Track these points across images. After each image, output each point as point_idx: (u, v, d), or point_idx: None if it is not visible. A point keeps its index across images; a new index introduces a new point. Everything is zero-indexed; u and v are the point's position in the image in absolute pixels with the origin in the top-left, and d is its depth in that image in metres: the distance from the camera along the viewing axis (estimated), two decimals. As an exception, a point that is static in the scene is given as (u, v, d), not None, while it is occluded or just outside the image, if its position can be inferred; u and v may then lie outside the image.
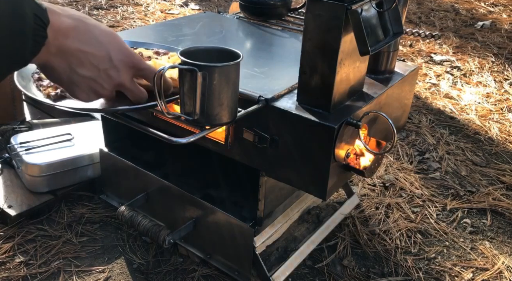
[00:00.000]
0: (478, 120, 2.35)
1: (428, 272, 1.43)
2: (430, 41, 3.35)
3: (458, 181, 1.87)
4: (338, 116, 1.01)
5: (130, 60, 0.77)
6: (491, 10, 4.20)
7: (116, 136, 1.55)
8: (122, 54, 0.75)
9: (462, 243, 1.56)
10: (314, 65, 0.99)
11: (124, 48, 0.76)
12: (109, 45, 0.73)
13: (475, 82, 2.78)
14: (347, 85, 1.05)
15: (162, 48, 1.15)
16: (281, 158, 1.07)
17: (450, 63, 3.03)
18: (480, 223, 1.66)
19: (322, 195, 1.05)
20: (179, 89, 0.87)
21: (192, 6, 3.90)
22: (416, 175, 1.89)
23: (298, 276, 1.38)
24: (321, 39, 0.96)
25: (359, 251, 1.49)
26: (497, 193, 1.81)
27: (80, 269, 1.36)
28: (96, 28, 0.72)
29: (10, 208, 1.50)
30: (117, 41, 0.75)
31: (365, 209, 1.67)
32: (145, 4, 3.84)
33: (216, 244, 1.34)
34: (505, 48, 3.30)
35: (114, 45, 0.74)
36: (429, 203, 1.73)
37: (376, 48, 0.99)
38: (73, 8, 3.54)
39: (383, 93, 1.16)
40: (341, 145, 1.00)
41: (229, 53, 0.88)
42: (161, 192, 1.41)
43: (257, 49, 1.39)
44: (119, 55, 0.75)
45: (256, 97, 1.04)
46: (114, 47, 0.74)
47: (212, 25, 1.56)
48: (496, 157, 2.06)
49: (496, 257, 1.50)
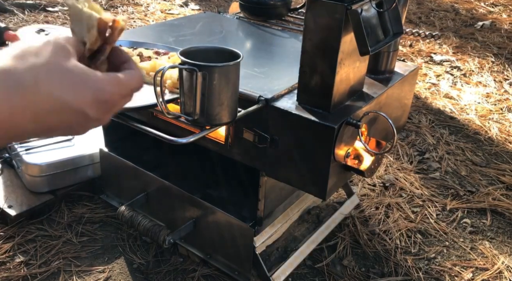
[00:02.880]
0: (478, 120, 2.35)
1: (428, 272, 1.43)
2: (430, 41, 3.35)
3: (458, 181, 1.87)
4: (338, 116, 1.01)
5: (110, 102, 0.53)
6: (491, 10, 4.20)
7: (116, 136, 1.55)
8: (98, 103, 0.51)
9: (462, 243, 1.56)
10: (314, 65, 0.99)
11: (98, 91, 0.51)
12: (80, 100, 0.49)
13: (475, 82, 2.78)
14: (347, 85, 1.05)
15: (162, 48, 1.16)
16: (281, 158, 1.07)
17: (450, 63, 3.03)
18: (480, 223, 1.66)
19: (322, 195, 1.05)
20: (179, 89, 0.87)
21: (192, 6, 3.90)
22: (416, 175, 1.89)
23: (298, 276, 1.38)
24: (321, 39, 0.96)
25: (359, 251, 1.49)
26: (497, 193, 1.80)
27: (80, 269, 1.36)
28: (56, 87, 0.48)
29: (10, 208, 1.50)
30: (87, 87, 0.50)
31: (365, 209, 1.67)
32: (145, 4, 3.84)
33: (216, 244, 1.34)
34: (505, 48, 3.30)
35: (86, 96, 0.50)
36: (429, 203, 1.73)
37: (376, 48, 0.99)
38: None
39: (383, 93, 1.16)
40: (341, 145, 1.00)
41: (229, 53, 0.88)
42: (161, 192, 1.41)
43: (257, 49, 1.39)
44: (95, 105, 0.51)
45: (256, 97, 1.04)
46: (86, 99, 0.50)
47: (212, 25, 1.56)
48: (496, 157, 2.06)
49: (496, 257, 1.50)
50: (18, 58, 0.47)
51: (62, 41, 0.52)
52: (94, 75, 0.51)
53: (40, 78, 0.47)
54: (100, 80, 0.52)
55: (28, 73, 0.46)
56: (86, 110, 0.50)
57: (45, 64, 0.48)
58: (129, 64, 0.59)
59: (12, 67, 0.46)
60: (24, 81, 0.46)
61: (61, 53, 0.50)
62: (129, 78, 0.56)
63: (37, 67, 0.47)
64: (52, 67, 0.48)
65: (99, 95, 0.51)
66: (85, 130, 0.54)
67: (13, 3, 3.41)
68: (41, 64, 0.48)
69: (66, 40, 0.52)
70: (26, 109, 0.46)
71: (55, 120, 0.49)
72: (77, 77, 0.50)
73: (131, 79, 0.57)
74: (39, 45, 0.49)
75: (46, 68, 0.48)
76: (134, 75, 0.57)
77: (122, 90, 0.55)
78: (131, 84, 0.57)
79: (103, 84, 0.52)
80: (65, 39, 0.52)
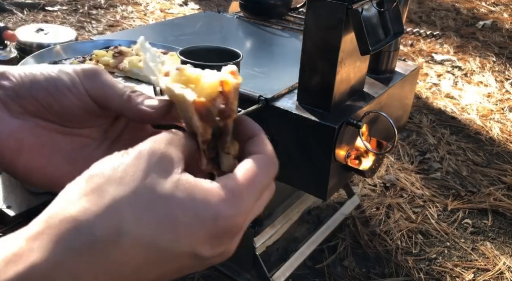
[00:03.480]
0: (479, 120, 2.34)
1: (429, 272, 1.42)
2: (431, 41, 3.34)
3: (459, 181, 1.87)
4: (338, 116, 1.00)
5: (236, 229, 0.35)
6: (492, 9, 4.20)
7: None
8: (216, 238, 0.34)
9: (463, 244, 1.55)
10: (314, 64, 0.98)
11: (214, 222, 0.33)
12: (186, 241, 0.33)
13: (476, 81, 2.77)
14: (348, 85, 1.04)
15: (161, 48, 1.15)
16: (281, 158, 1.05)
17: (451, 62, 3.02)
18: (481, 224, 1.65)
19: (322, 196, 1.04)
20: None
21: (191, 5, 3.89)
22: (417, 175, 1.89)
23: (298, 276, 1.38)
24: (321, 39, 0.96)
25: (359, 252, 1.48)
26: (498, 193, 1.80)
27: (79, 270, 1.36)
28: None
29: (9, 208, 1.49)
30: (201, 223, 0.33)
31: (366, 209, 1.66)
32: (145, 3, 3.83)
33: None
34: (506, 47, 3.29)
35: (195, 232, 0.33)
36: (430, 204, 1.73)
37: (377, 48, 0.98)
38: (72, 8, 3.56)
39: (384, 93, 1.16)
40: (341, 145, 0.99)
41: (229, 52, 0.87)
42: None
43: (257, 48, 1.38)
44: (211, 241, 0.34)
45: (256, 97, 1.03)
46: (197, 237, 0.33)
47: (212, 24, 1.55)
48: (497, 157, 2.05)
49: (497, 257, 1.49)
50: (94, 194, 0.31)
51: (161, 146, 0.35)
52: (205, 196, 0.33)
53: (124, 222, 0.31)
54: (216, 202, 0.33)
55: (106, 219, 0.31)
56: (198, 251, 0.33)
57: (130, 196, 0.32)
58: (257, 142, 0.40)
59: (83, 214, 0.30)
60: (102, 233, 0.30)
61: (158, 169, 0.33)
62: (262, 176, 0.37)
63: (119, 205, 0.31)
64: (140, 200, 0.32)
65: (216, 226, 0.33)
66: (203, 268, 0.36)
67: (12, 2, 3.40)
68: (125, 197, 0.31)
69: (169, 141, 0.36)
70: (106, 274, 0.31)
71: (153, 273, 0.33)
72: (179, 207, 0.32)
73: (264, 175, 0.37)
74: (127, 162, 0.33)
75: (132, 202, 0.31)
76: (267, 166, 0.38)
77: (252, 198, 0.36)
78: (264, 182, 0.37)
79: (221, 207, 0.33)
80: (168, 140, 0.36)
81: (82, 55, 1.10)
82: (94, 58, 1.08)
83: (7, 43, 1.60)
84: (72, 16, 3.36)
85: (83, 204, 0.31)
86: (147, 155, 0.34)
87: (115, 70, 1.06)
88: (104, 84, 0.43)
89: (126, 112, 0.44)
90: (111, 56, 1.06)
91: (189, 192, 0.33)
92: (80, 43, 1.21)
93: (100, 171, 0.33)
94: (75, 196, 0.32)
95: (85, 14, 3.42)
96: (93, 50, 1.11)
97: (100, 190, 0.32)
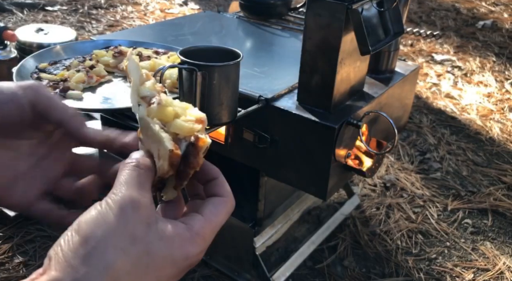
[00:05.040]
0: (479, 120, 2.34)
1: (429, 272, 1.42)
2: (431, 41, 3.34)
3: (459, 181, 1.87)
4: (338, 116, 1.00)
5: (196, 261, 0.43)
6: (492, 9, 4.20)
7: (116, 136, 1.55)
8: (183, 269, 0.42)
9: (463, 244, 1.55)
10: (314, 64, 0.98)
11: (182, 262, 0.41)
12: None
13: (476, 81, 2.77)
14: (348, 85, 1.04)
15: (161, 48, 1.15)
16: (281, 158, 1.06)
17: (451, 62, 3.02)
18: (481, 224, 1.65)
19: (322, 196, 1.04)
20: (179, 89, 0.86)
21: (191, 5, 3.89)
22: (417, 175, 1.89)
23: (298, 276, 1.37)
24: (321, 39, 0.96)
25: (359, 252, 1.48)
26: (498, 193, 1.80)
27: (79, 270, 1.36)
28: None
29: (9, 208, 1.49)
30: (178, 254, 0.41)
31: (366, 209, 1.66)
32: (145, 3, 3.83)
33: (216, 245, 1.33)
34: (506, 47, 3.29)
35: (172, 271, 0.41)
36: (430, 204, 1.73)
37: (377, 48, 0.98)
38: (72, 8, 3.55)
39: (384, 93, 1.16)
40: (341, 145, 0.99)
41: (229, 52, 0.87)
42: (161, 192, 1.40)
43: (257, 48, 1.38)
44: (180, 271, 0.42)
45: (256, 96, 1.03)
46: (172, 273, 0.41)
47: (212, 24, 1.55)
48: (497, 157, 2.05)
49: (497, 257, 1.49)
50: (93, 259, 0.36)
51: (136, 194, 0.39)
52: (181, 244, 0.40)
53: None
54: (187, 246, 0.41)
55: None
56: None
57: (130, 265, 0.37)
58: (218, 184, 0.45)
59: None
60: None
61: (141, 227, 0.38)
62: (223, 217, 0.44)
63: (120, 275, 0.37)
64: (140, 264, 0.38)
65: (185, 263, 0.41)
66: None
67: (12, 2, 3.40)
68: (126, 266, 0.37)
69: (140, 185, 0.40)
70: None
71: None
72: (164, 260, 0.39)
73: (225, 217, 0.44)
74: (114, 225, 0.37)
75: (132, 272, 0.37)
76: (228, 209, 0.45)
77: (213, 236, 0.43)
78: (224, 222, 0.44)
79: (190, 248, 0.41)
80: (139, 185, 0.40)
81: (82, 55, 1.10)
82: (94, 58, 1.07)
83: (7, 43, 1.60)
84: (72, 16, 3.36)
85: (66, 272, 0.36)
86: (131, 211, 0.38)
87: (115, 70, 1.06)
88: (48, 96, 0.47)
89: (66, 123, 0.47)
90: (111, 56, 1.06)
91: (170, 243, 0.39)
92: (80, 43, 1.21)
93: (93, 234, 0.37)
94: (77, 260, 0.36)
95: (85, 14, 3.42)
96: (93, 50, 1.11)
97: (98, 258, 0.36)
